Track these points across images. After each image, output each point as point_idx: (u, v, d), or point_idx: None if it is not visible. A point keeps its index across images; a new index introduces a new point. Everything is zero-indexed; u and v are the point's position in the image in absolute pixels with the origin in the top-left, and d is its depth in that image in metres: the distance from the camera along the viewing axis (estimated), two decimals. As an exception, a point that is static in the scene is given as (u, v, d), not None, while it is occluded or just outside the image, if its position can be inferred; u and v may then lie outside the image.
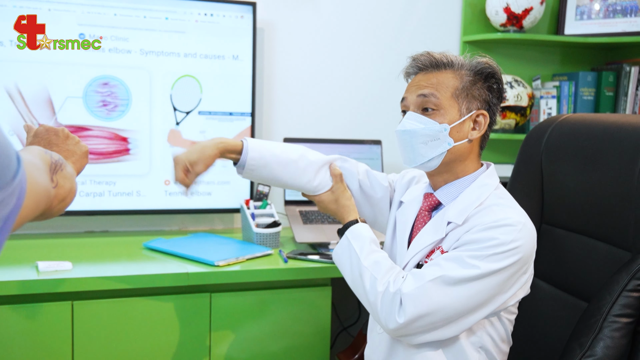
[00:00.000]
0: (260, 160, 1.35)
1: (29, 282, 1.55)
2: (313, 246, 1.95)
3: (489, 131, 1.29)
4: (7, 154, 0.56)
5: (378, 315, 1.20)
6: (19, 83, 1.92)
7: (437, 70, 1.27)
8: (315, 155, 1.42)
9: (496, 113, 1.29)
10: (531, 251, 1.20)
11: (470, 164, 1.28)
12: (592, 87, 2.47)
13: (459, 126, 1.24)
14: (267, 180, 1.40)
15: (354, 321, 2.33)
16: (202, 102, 2.11)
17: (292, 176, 1.38)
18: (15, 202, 0.58)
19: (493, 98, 1.27)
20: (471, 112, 1.25)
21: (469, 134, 1.25)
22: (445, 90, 1.24)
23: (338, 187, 1.40)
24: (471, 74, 1.25)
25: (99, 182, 2.02)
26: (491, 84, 1.27)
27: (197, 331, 1.71)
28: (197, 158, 1.32)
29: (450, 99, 1.24)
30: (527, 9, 2.33)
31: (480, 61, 1.27)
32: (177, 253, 1.81)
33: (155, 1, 2.02)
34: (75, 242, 1.99)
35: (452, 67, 1.26)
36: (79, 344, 1.60)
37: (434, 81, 1.25)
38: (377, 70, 2.38)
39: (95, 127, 2.01)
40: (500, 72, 1.29)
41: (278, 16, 2.27)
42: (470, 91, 1.25)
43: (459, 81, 1.25)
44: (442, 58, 1.27)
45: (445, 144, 1.23)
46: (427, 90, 1.25)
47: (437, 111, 1.24)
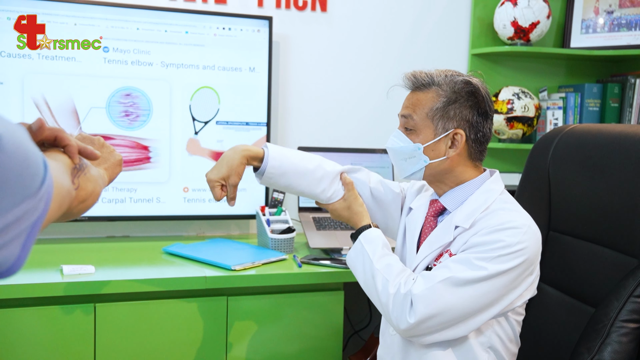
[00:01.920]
0: (279, 168, 1.40)
1: (54, 285, 1.59)
2: (326, 251, 1.99)
3: (478, 147, 1.30)
4: (35, 163, 0.56)
5: (390, 316, 1.23)
6: (46, 94, 1.98)
7: (419, 90, 1.30)
8: (331, 165, 1.47)
9: (483, 130, 1.29)
10: (536, 253, 1.23)
11: (463, 174, 1.31)
12: (597, 98, 2.50)
13: (434, 145, 1.28)
14: (283, 187, 1.45)
15: (365, 325, 2.37)
16: (219, 112, 2.16)
17: (308, 185, 1.43)
18: (43, 207, 0.58)
19: (475, 116, 1.27)
20: (447, 132, 1.27)
21: (446, 152, 1.28)
22: (421, 111, 1.28)
23: (350, 195, 1.44)
24: (449, 93, 1.27)
25: (120, 189, 2.08)
26: (473, 102, 1.27)
27: (215, 333, 1.74)
28: (227, 172, 1.37)
29: (425, 119, 1.28)
30: (534, 22, 2.38)
31: (459, 80, 1.28)
32: (196, 257, 1.85)
33: (176, 16, 2.09)
34: (97, 246, 2.04)
35: (432, 86, 1.28)
36: (101, 344, 1.64)
37: (414, 101, 1.30)
38: (387, 82, 2.41)
39: (117, 136, 2.07)
40: (483, 89, 1.29)
41: (293, 30, 2.33)
42: (445, 111, 1.27)
43: (435, 101, 1.27)
44: (424, 78, 1.29)
45: (422, 162, 1.30)
46: (405, 111, 1.31)
47: (413, 131, 1.30)
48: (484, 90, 1.30)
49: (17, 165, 0.53)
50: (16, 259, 0.57)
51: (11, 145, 0.52)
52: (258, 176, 1.42)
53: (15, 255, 0.56)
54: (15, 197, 0.53)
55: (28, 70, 1.96)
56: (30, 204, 0.56)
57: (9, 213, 0.53)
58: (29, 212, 0.56)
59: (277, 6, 2.29)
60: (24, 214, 0.55)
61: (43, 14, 1.94)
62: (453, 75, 1.30)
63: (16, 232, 0.55)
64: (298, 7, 2.32)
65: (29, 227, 0.57)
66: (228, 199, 1.39)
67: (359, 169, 1.51)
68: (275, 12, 2.28)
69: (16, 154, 0.53)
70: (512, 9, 2.38)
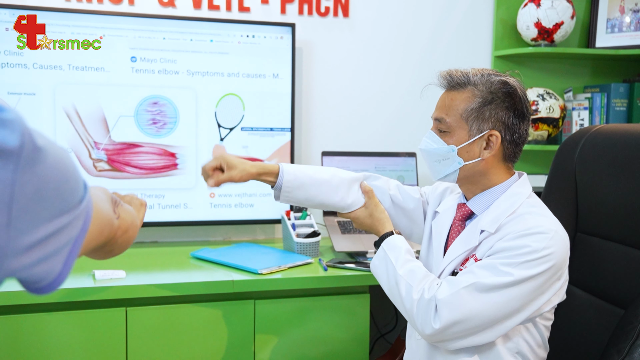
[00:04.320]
0: (295, 181, 1.41)
1: (87, 290, 1.62)
2: (351, 255, 2.00)
3: (513, 148, 1.28)
4: (76, 178, 0.58)
5: (414, 322, 1.23)
6: (76, 104, 2.03)
7: (454, 89, 1.27)
8: (346, 173, 1.48)
9: (519, 132, 1.26)
10: (564, 258, 1.21)
11: (496, 176, 1.29)
12: (624, 98, 2.47)
13: (468, 147, 1.26)
14: (302, 201, 1.45)
15: (391, 328, 2.36)
16: (244, 119, 2.19)
17: (327, 195, 1.44)
18: (82, 225, 0.59)
19: (512, 117, 1.25)
20: (482, 133, 1.25)
21: (481, 154, 1.26)
22: (455, 113, 1.26)
23: (371, 202, 1.44)
24: (485, 94, 1.24)
25: (149, 195, 2.12)
26: (510, 104, 1.25)
27: (242, 336, 1.76)
28: (236, 164, 1.38)
29: (459, 121, 1.26)
30: (557, 23, 2.36)
31: (496, 80, 1.25)
32: (223, 262, 1.87)
33: (201, 25, 2.12)
34: (127, 252, 1.98)
35: (468, 85, 1.26)
36: (132, 347, 1.67)
37: (448, 102, 1.28)
38: (411, 85, 2.44)
39: (145, 143, 2.11)
40: (520, 89, 1.26)
41: (316, 36, 2.35)
42: (480, 112, 1.24)
43: (470, 102, 1.25)
44: (459, 77, 1.27)
45: (456, 163, 1.27)
46: (439, 113, 1.29)
47: (447, 132, 1.28)
48: (521, 91, 1.27)
49: (57, 178, 0.54)
50: (57, 275, 0.58)
51: (52, 158, 0.53)
52: (276, 192, 1.44)
53: (57, 271, 0.58)
54: (54, 210, 0.54)
55: (59, 80, 2.01)
56: (69, 219, 0.57)
57: (47, 224, 0.54)
58: (68, 226, 0.57)
59: (300, 13, 2.32)
60: (62, 228, 0.56)
61: (74, 26, 1.99)
62: (490, 74, 1.27)
63: (56, 247, 0.56)
64: (320, 13, 2.34)
65: (70, 244, 0.58)
66: (210, 179, 1.38)
67: (377, 177, 1.51)
68: (297, 18, 2.30)
69: (56, 168, 0.54)
70: (535, 10, 2.36)
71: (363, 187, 1.46)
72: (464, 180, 1.31)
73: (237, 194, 2.21)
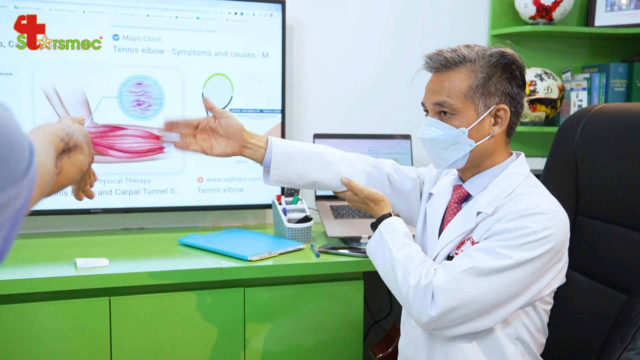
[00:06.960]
0: (285, 155, 1.34)
1: (68, 279, 1.57)
2: (344, 240, 1.96)
3: (515, 120, 1.26)
4: (20, 145, 0.53)
5: (411, 309, 1.19)
6: (56, 84, 1.96)
7: (449, 69, 1.22)
8: (339, 150, 1.42)
9: (521, 101, 1.25)
10: (564, 239, 1.18)
11: (498, 155, 1.26)
12: (623, 78, 2.43)
13: (478, 126, 1.21)
14: (294, 179, 1.37)
15: (385, 314, 2.34)
16: (233, 100, 2.13)
17: (319, 170, 1.37)
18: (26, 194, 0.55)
19: (514, 87, 1.22)
20: (490, 109, 1.21)
21: (491, 130, 1.22)
22: (458, 93, 1.21)
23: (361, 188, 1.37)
24: (485, 69, 1.20)
25: (134, 180, 2.06)
26: (510, 74, 1.22)
27: (232, 325, 1.73)
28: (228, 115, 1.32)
29: (465, 101, 1.20)
30: (556, 0, 2.30)
31: (495, 52, 1.22)
32: (211, 249, 1.83)
33: (187, 1, 2.05)
34: (111, 239, 2.03)
35: (465, 63, 1.21)
36: (117, 338, 1.63)
37: (446, 84, 1.21)
38: (406, 65, 2.38)
39: (129, 126, 2.03)
40: (519, 58, 1.24)
41: (307, 14, 2.28)
42: (485, 88, 1.20)
43: (472, 79, 1.20)
44: (453, 57, 1.21)
45: (467, 146, 1.22)
46: (440, 98, 1.22)
47: (453, 115, 1.22)
48: (519, 59, 1.24)
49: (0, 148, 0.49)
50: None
51: None
52: (265, 176, 1.37)
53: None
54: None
55: (37, 60, 1.93)
56: (14, 191, 0.52)
57: None
58: (12, 199, 0.52)
59: (290, -11, 2.24)
60: (6, 202, 0.51)
61: (51, 2, 1.91)
62: (484, 49, 1.23)
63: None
64: (311, -10, 2.26)
65: (12, 217, 0.53)
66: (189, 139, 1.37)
67: (370, 158, 1.46)
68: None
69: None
70: (533, -14, 2.30)
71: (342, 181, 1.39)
72: (470, 164, 1.26)
73: (227, 178, 2.15)
